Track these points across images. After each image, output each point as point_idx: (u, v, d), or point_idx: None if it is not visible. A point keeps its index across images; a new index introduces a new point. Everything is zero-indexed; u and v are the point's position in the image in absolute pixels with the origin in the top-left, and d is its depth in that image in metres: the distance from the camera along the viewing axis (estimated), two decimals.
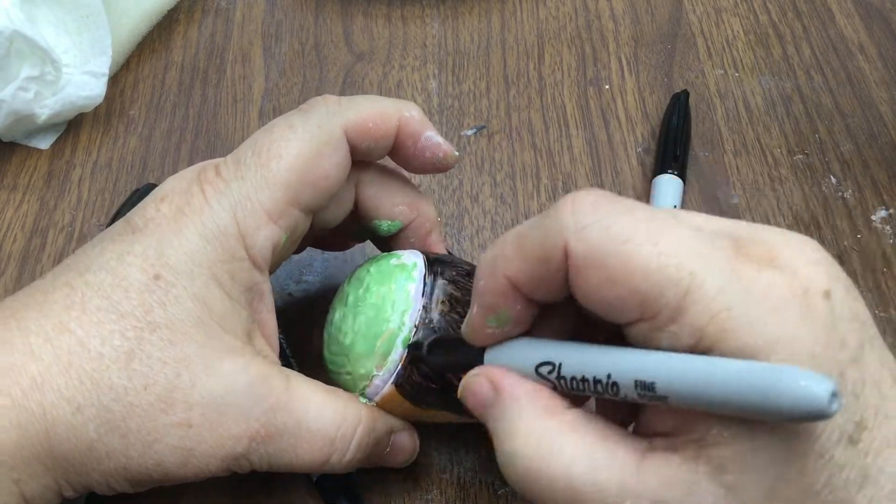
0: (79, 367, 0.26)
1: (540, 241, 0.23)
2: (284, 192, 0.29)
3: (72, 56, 0.47)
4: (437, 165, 0.33)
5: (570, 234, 0.22)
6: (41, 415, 0.26)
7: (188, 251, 0.28)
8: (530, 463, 0.23)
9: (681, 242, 0.21)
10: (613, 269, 0.22)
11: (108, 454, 0.27)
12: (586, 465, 0.22)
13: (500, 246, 0.25)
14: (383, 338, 0.30)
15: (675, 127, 0.45)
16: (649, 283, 0.21)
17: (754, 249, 0.22)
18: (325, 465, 0.30)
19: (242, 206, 0.29)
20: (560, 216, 0.23)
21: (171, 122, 0.48)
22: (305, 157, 0.29)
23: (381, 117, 0.31)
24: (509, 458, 0.24)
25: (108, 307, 0.27)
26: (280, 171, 0.29)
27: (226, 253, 0.28)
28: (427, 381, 0.30)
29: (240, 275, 0.29)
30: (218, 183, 0.29)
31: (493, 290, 0.25)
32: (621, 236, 0.22)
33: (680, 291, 0.21)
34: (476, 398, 0.26)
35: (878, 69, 0.50)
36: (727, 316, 0.20)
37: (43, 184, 0.45)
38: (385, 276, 0.31)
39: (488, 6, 0.53)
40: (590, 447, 0.23)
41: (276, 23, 0.53)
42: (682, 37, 0.52)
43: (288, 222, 0.29)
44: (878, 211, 0.43)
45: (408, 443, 0.32)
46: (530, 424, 0.24)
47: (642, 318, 0.22)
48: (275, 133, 0.30)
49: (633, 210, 0.22)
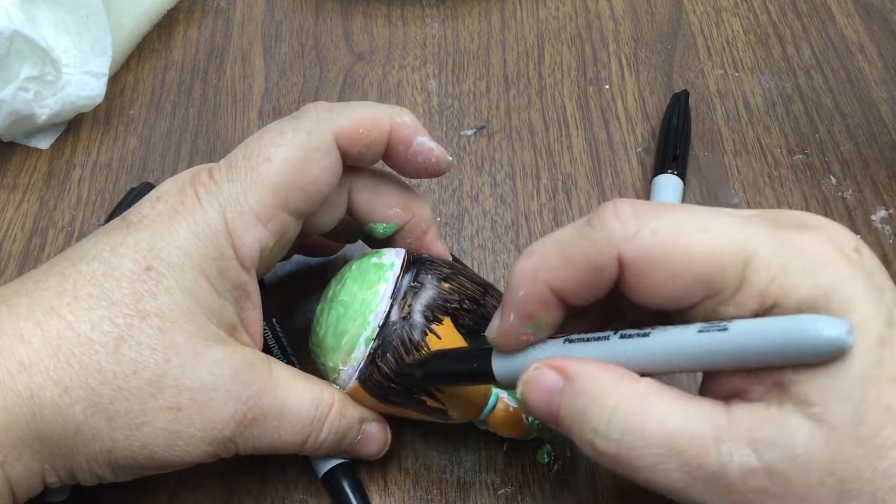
0: (67, 351, 0.27)
1: (588, 251, 0.25)
2: (273, 196, 0.30)
3: (72, 56, 0.47)
4: (430, 170, 0.33)
5: (622, 242, 0.24)
6: (28, 397, 0.26)
7: (180, 246, 0.29)
8: (627, 424, 0.24)
9: (726, 224, 0.24)
10: (674, 264, 0.23)
11: (95, 436, 0.27)
12: (680, 418, 0.23)
13: (539, 256, 0.26)
14: (349, 335, 0.31)
15: (675, 127, 0.45)
16: (711, 267, 0.23)
17: (787, 220, 0.24)
18: (302, 446, 0.31)
19: (232, 207, 0.29)
20: (607, 226, 0.24)
21: (171, 122, 0.48)
22: (294, 162, 0.30)
23: (372, 123, 0.31)
24: (603, 427, 0.24)
25: (100, 294, 0.28)
26: (269, 175, 0.30)
27: (215, 251, 0.29)
28: (387, 381, 0.31)
29: (228, 273, 0.30)
30: (210, 185, 0.30)
31: (534, 299, 0.26)
32: (673, 232, 0.24)
33: (740, 265, 0.23)
34: (543, 389, 0.26)
35: (878, 69, 0.50)
36: (785, 274, 0.23)
37: (43, 184, 0.45)
38: (361, 274, 0.32)
39: (488, 6, 0.53)
40: (679, 402, 0.24)
41: (276, 23, 0.53)
42: (682, 37, 0.52)
43: (277, 226, 0.30)
44: (878, 211, 0.43)
45: (378, 433, 0.33)
46: (617, 388, 0.24)
47: (707, 297, 0.24)
48: (265, 139, 0.30)
49: (672, 209, 0.24)
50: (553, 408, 0.26)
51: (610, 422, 0.24)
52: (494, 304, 0.32)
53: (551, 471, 0.35)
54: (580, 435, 0.25)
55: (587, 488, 0.35)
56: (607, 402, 0.24)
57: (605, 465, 0.25)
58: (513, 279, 0.26)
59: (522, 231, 0.43)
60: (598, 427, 0.24)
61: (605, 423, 0.24)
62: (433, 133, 0.47)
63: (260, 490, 0.35)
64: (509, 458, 0.35)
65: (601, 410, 0.24)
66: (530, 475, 0.35)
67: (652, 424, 0.23)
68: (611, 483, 0.35)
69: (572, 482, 0.35)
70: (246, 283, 0.30)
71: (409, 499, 0.34)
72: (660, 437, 0.23)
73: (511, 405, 0.33)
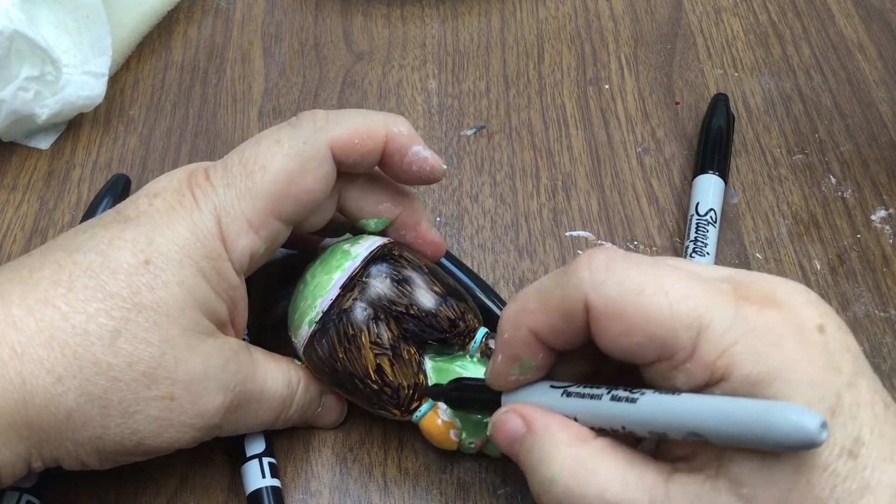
0: (62, 341, 0.27)
1: (561, 297, 0.26)
2: (267, 204, 0.30)
3: (72, 56, 0.47)
4: (424, 178, 0.34)
5: (589, 290, 0.25)
6: (20, 384, 0.26)
7: (178, 242, 0.29)
8: (567, 487, 0.25)
9: (689, 289, 0.24)
10: (631, 318, 0.24)
11: (86, 423, 0.27)
12: (619, 486, 0.25)
13: (522, 301, 0.27)
14: (299, 312, 0.33)
15: (717, 128, 0.45)
16: (665, 329, 0.24)
17: (753, 292, 0.24)
18: (275, 423, 0.33)
19: (227, 212, 0.30)
20: (578, 274, 0.25)
21: (170, 122, 0.48)
22: (289, 172, 0.31)
23: (367, 133, 0.32)
24: (546, 485, 0.26)
25: (96, 286, 0.28)
26: (264, 183, 0.30)
27: (213, 251, 0.30)
28: (322, 365, 0.33)
29: (223, 273, 0.30)
30: (206, 187, 0.30)
31: (517, 342, 0.27)
32: (635, 289, 0.24)
33: (692, 333, 0.23)
34: (506, 432, 0.28)
35: (878, 69, 0.50)
36: (734, 350, 0.23)
37: (43, 184, 0.45)
38: (328, 257, 0.34)
39: (488, 6, 0.53)
40: (621, 470, 0.25)
41: (276, 23, 0.53)
42: (682, 37, 0.52)
43: (268, 233, 0.31)
44: (877, 211, 0.43)
45: (335, 404, 0.35)
46: (565, 451, 0.26)
47: (660, 359, 0.24)
48: (262, 146, 0.31)
49: (641, 263, 0.25)
50: (515, 451, 0.28)
51: (553, 482, 0.25)
52: (449, 315, 0.33)
53: None
54: (531, 483, 0.27)
55: None
56: (553, 462, 0.26)
57: None
58: (500, 323, 0.28)
59: (522, 231, 0.43)
60: (544, 484, 0.26)
61: (549, 482, 0.26)
62: (433, 133, 0.47)
63: None
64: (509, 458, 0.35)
65: (547, 470, 0.26)
66: None
67: (591, 490, 0.25)
68: None
69: None
70: (237, 286, 0.31)
71: (409, 499, 0.35)
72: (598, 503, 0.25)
73: (442, 419, 0.33)
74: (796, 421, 0.21)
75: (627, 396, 0.25)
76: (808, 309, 0.24)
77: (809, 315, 0.24)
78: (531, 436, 0.27)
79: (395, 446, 0.36)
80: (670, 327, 0.24)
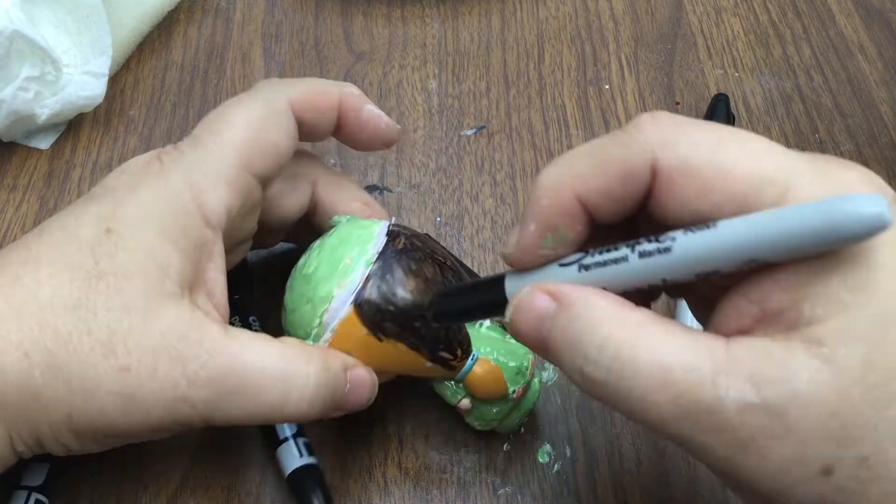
0: (29, 316, 0.27)
1: (622, 156, 0.23)
2: (237, 157, 0.31)
3: (72, 56, 0.47)
4: (382, 138, 0.35)
5: (658, 148, 0.23)
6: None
7: (140, 206, 0.29)
8: (618, 353, 0.22)
9: (768, 146, 0.23)
10: (709, 176, 0.22)
11: (54, 400, 0.27)
12: (676, 349, 0.22)
13: (568, 163, 0.24)
14: (347, 259, 0.31)
15: None
16: (748, 185, 0.22)
17: (829, 158, 0.23)
18: (283, 410, 0.29)
19: (197, 169, 0.31)
20: (644, 131, 0.23)
21: (171, 122, 0.48)
22: (254, 125, 0.32)
23: (323, 91, 0.34)
24: (593, 355, 0.23)
25: (59, 261, 0.28)
26: (232, 138, 0.31)
27: (178, 208, 0.30)
28: (385, 303, 0.30)
29: (190, 231, 0.30)
30: (174, 153, 0.31)
31: (557, 209, 0.24)
32: (712, 146, 0.22)
33: (779, 189, 0.22)
34: (534, 311, 0.24)
35: (878, 69, 0.50)
36: None
37: (43, 184, 0.45)
38: (352, 221, 0.34)
39: (488, 6, 0.53)
40: (675, 335, 0.22)
41: (276, 23, 0.53)
42: (682, 37, 0.52)
43: (241, 187, 0.31)
44: None
45: (366, 376, 0.31)
46: (610, 317, 0.23)
47: None
48: (224, 109, 0.33)
49: (711, 124, 0.23)
50: (543, 333, 0.24)
51: (602, 349, 0.23)
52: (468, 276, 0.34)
53: (551, 471, 0.35)
54: (571, 361, 0.24)
55: (587, 488, 0.35)
56: (601, 329, 0.23)
57: (593, 395, 0.23)
58: (536, 189, 0.24)
59: None
60: (590, 354, 0.23)
61: (597, 350, 0.23)
62: (433, 133, 0.47)
63: (259, 490, 0.35)
64: (509, 458, 0.35)
65: (593, 337, 0.23)
66: (530, 475, 0.35)
67: (645, 354, 0.22)
68: (611, 483, 0.35)
69: (572, 482, 0.35)
70: (210, 241, 0.30)
71: (409, 499, 0.34)
72: (652, 367, 0.22)
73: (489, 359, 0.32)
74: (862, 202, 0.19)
75: (657, 248, 0.22)
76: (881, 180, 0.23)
77: (883, 183, 0.23)
78: (566, 309, 0.24)
79: (395, 446, 0.36)
80: (754, 184, 0.22)
